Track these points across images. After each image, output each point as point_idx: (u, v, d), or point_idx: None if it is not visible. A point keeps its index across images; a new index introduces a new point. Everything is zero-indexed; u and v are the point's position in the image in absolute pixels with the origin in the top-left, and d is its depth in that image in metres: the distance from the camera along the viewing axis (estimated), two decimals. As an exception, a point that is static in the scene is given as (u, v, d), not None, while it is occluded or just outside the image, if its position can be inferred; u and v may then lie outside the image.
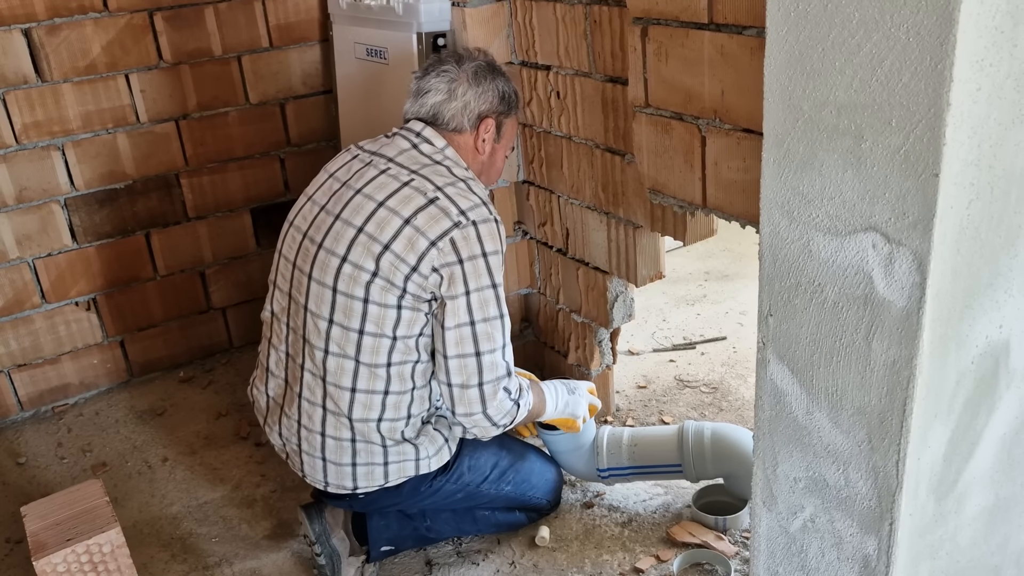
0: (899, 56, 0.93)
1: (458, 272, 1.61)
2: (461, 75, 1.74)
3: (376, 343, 1.64)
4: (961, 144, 0.94)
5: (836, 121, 1.02)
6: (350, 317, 1.64)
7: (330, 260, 1.66)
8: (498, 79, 1.79)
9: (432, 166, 1.71)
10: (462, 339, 1.63)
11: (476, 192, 1.68)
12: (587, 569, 1.86)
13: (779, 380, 1.21)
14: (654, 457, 1.94)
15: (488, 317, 1.64)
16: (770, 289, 1.18)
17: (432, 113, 1.75)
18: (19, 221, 2.46)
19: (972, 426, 1.15)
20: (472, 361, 1.64)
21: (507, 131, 1.84)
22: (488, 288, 1.63)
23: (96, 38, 2.44)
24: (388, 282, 1.61)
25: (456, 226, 1.61)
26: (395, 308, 1.62)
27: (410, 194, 1.64)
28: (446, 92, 1.74)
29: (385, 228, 1.62)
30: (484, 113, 1.76)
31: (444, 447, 1.77)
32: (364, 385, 1.67)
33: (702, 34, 1.56)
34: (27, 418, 2.61)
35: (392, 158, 1.72)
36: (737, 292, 3.00)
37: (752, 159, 1.53)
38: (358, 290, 1.62)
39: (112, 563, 1.64)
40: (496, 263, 1.65)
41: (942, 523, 1.18)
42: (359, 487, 1.73)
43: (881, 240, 1.01)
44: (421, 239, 1.60)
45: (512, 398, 1.70)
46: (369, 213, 1.64)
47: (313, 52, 2.79)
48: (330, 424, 1.70)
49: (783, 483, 1.26)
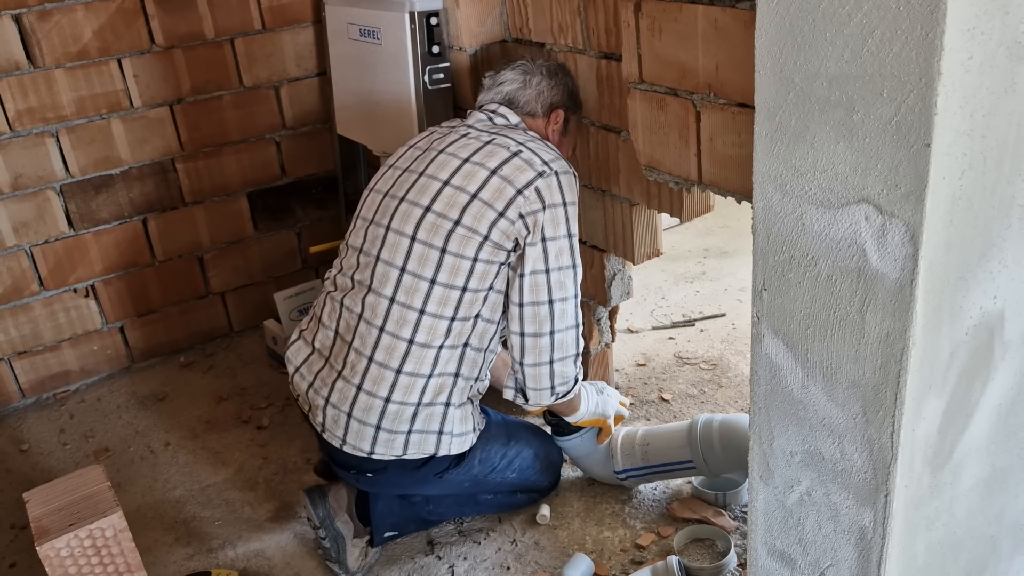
0: (890, 26, 0.92)
1: (541, 219, 1.67)
2: (535, 69, 1.86)
3: (445, 294, 1.67)
4: (953, 114, 0.93)
5: (827, 93, 1.01)
6: (424, 266, 1.67)
7: (412, 211, 1.71)
8: (568, 79, 1.91)
9: (511, 129, 1.82)
10: (537, 286, 1.69)
11: (553, 149, 1.77)
12: (588, 546, 1.87)
13: (774, 354, 1.21)
14: (667, 455, 1.91)
15: (563, 266, 1.70)
16: (764, 263, 1.18)
17: (508, 98, 1.86)
18: (15, 208, 2.46)
19: (967, 397, 1.15)
20: (545, 308, 1.70)
21: (572, 128, 1.93)
22: (564, 237, 1.70)
23: (87, 23, 2.42)
24: (471, 230, 1.66)
25: (540, 175, 1.68)
26: (471, 260, 1.67)
27: (493, 149, 1.73)
28: (521, 81, 1.85)
29: (472, 179, 1.69)
30: (556, 104, 1.86)
31: (469, 436, 1.77)
32: (423, 338, 1.68)
33: (695, 8, 1.54)
34: (29, 405, 2.62)
35: (471, 125, 1.84)
36: (736, 269, 2.99)
37: (747, 134, 1.52)
38: (437, 239, 1.67)
39: (115, 547, 1.65)
40: (573, 213, 1.72)
41: (938, 495, 1.18)
42: (376, 452, 1.71)
43: (874, 212, 1.01)
44: (508, 187, 1.67)
45: (577, 368, 1.77)
46: (455, 168, 1.72)
47: (306, 34, 2.77)
48: (371, 378, 1.70)
49: (779, 457, 1.26)
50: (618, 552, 1.84)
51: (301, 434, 2.33)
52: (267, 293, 2.87)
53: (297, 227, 2.97)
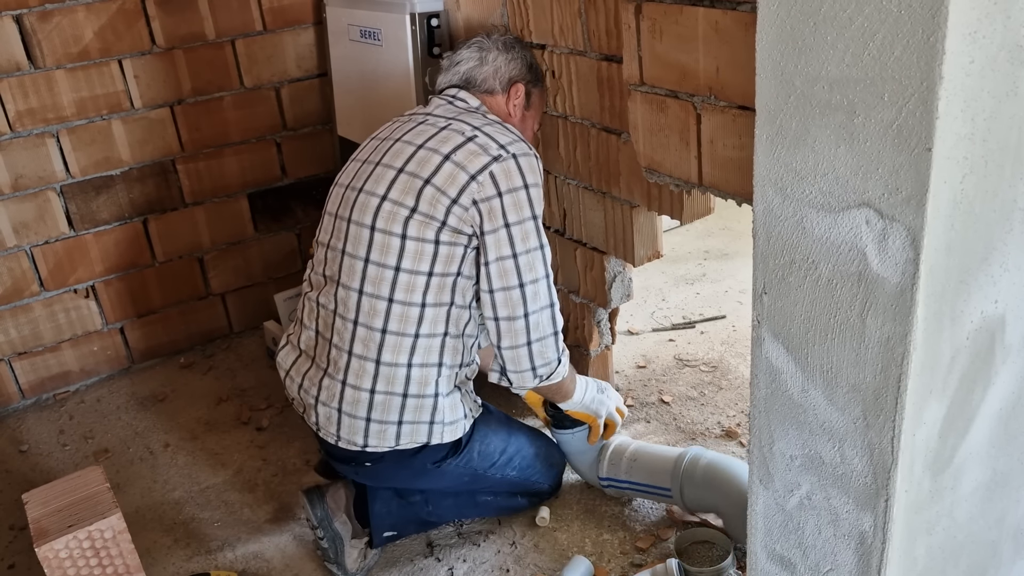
0: (891, 29, 0.92)
1: (497, 205, 1.65)
2: (491, 44, 1.84)
3: (411, 280, 1.66)
4: (954, 118, 0.93)
5: (828, 96, 1.01)
6: (386, 254, 1.67)
7: (369, 200, 1.70)
8: (526, 51, 1.90)
9: (469, 113, 1.79)
10: (505, 272, 1.67)
11: (513, 131, 1.75)
12: (588, 548, 1.86)
13: (774, 358, 1.20)
14: (649, 477, 1.89)
15: (529, 248, 1.68)
16: (764, 267, 1.18)
17: (465, 78, 1.84)
18: (15, 209, 2.46)
19: (968, 402, 1.14)
20: (516, 292, 1.68)
21: (535, 101, 1.91)
22: (529, 220, 1.68)
23: (88, 24, 2.42)
24: (428, 216, 1.65)
25: (496, 160, 1.66)
26: (433, 243, 1.65)
27: (448, 135, 1.71)
28: (478, 59, 1.83)
29: (425, 165, 1.68)
30: (515, 78, 1.85)
31: (461, 423, 1.77)
32: (395, 327, 1.68)
33: (696, 10, 1.54)
34: (28, 406, 2.62)
35: (430, 112, 1.82)
36: (736, 270, 2.99)
37: (748, 136, 1.51)
38: (396, 227, 1.66)
39: (114, 548, 1.65)
40: (536, 195, 1.69)
41: (938, 499, 1.18)
42: (369, 444, 1.71)
43: (874, 216, 1.00)
44: (461, 173, 1.65)
45: (559, 349, 1.75)
46: (409, 155, 1.71)
47: (307, 35, 2.77)
48: (353, 372, 1.70)
49: (779, 461, 1.26)
50: (618, 555, 1.84)
51: (300, 435, 2.33)
52: (267, 294, 2.87)
53: (297, 228, 2.97)
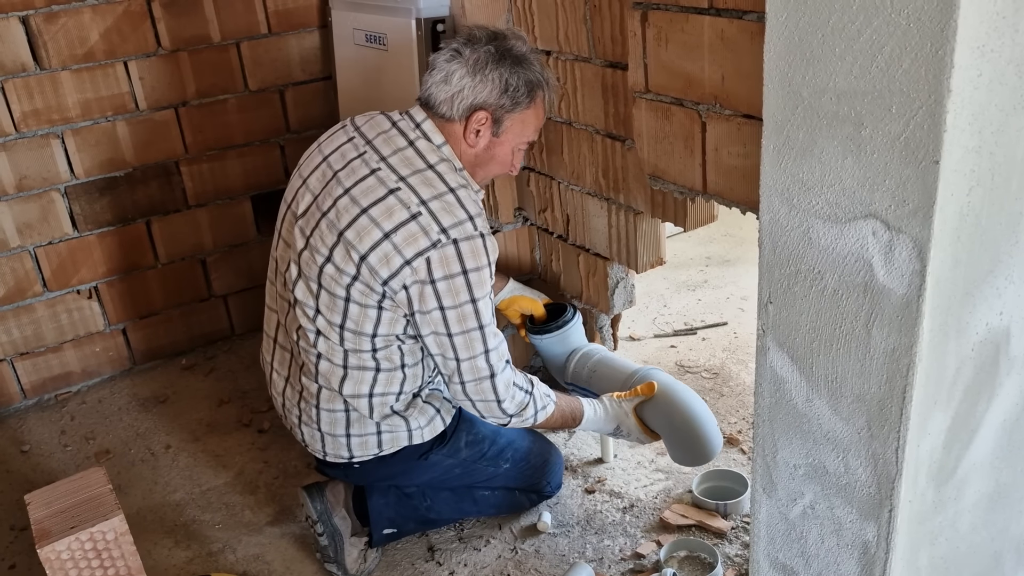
0: (899, 42, 0.92)
1: (429, 291, 1.59)
2: (462, 61, 1.65)
3: (357, 338, 1.68)
4: (962, 131, 0.93)
5: (836, 108, 1.01)
6: (332, 312, 1.67)
7: (315, 257, 1.67)
8: (505, 69, 1.65)
9: (424, 172, 1.65)
10: (441, 344, 1.66)
11: (465, 206, 1.62)
12: (588, 554, 1.86)
13: (779, 367, 1.21)
14: (604, 389, 1.98)
15: (467, 329, 1.63)
16: (770, 276, 1.18)
17: (427, 95, 1.70)
18: (19, 209, 2.46)
19: (972, 413, 1.14)
20: (452, 364, 1.67)
21: (512, 126, 1.71)
22: (467, 303, 1.61)
23: (94, 25, 2.42)
24: (367, 287, 1.63)
25: (434, 246, 1.58)
26: (375, 308, 1.65)
27: (394, 204, 1.60)
28: (443, 77, 1.66)
29: (364, 238, 1.61)
30: (478, 105, 1.66)
31: (436, 418, 1.80)
32: (355, 363, 1.70)
33: (702, 19, 1.54)
34: (30, 406, 2.62)
35: (385, 157, 1.67)
36: (738, 277, 2.99)
37: (752, 145, 1.52)
38: (339, 290, 1.65)
39: (116, 550, 1.65)
40: (477, 279, 1.61)
41: (942, 510, 1.18)
42: (355, 456, 1.78)
43: (881, 227, 1.01)
44: (396, 257, 1.58)
45: (521, 387, 1.73)
46: (352, 218, 1.62)
47: (312, 38, 2.77)
48: (324, 397, 1.75)
49: (783, 470, 1.26)
50: (618, 561, 1.84)
51: (302, 438, 2.33)
52: (269, 296, 2.87)
53: (300, 231, 2.97)
